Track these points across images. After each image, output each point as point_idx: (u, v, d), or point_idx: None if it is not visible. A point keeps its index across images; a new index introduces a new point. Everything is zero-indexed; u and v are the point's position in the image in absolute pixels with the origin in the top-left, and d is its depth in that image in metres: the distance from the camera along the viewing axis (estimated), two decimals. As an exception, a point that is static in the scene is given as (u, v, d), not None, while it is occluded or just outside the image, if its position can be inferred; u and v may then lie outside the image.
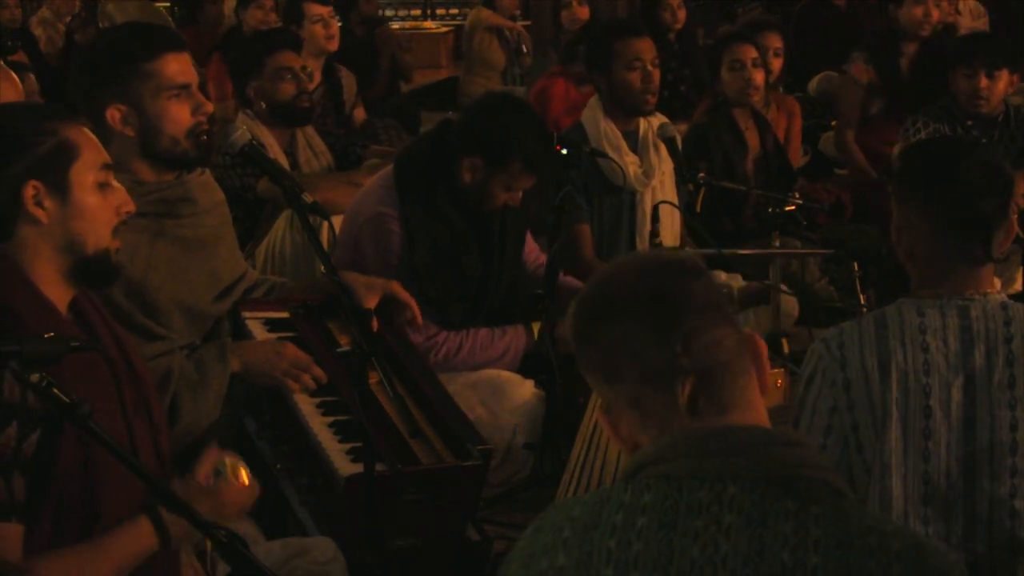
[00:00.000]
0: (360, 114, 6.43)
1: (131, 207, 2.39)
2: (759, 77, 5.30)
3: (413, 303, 3.39)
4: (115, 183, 2.37)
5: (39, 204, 2.25)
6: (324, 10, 5.97)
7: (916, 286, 2.49)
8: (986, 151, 2.55)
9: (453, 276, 3.75)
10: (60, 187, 2.26)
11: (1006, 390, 2.37)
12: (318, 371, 3.04)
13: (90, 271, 2.32)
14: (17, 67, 4.42)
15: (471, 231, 3.78)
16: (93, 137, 2.35)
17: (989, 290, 2.45)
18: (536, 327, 3.79)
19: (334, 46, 6.06)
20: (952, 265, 2.45)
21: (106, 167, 2.33)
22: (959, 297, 2.42)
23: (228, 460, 2.40)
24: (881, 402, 2.37)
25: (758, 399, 1.65)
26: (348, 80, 6.29)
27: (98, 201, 2.31)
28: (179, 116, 2.99)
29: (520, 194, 3.75)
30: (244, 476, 2.40)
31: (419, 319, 3.42)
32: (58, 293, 2.28)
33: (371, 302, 3.25)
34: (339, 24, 6.27)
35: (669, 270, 1.64)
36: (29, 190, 2.24)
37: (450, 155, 3.70)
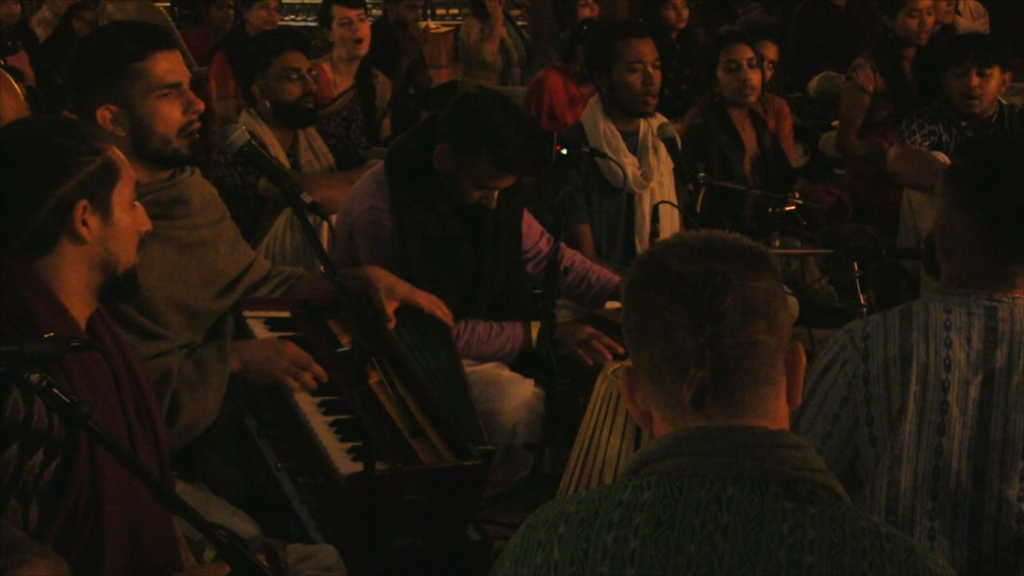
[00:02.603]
0: (387, 125, 6.34)
1: (149, 225, 2.42)
2: (755, 78, 5.30)
3: (439, 307, 3.39)
4: (137, 202, 2.40)
5: (85, 223, 2.26)
6: (352, 13, 5.85)
7: (946, 283, 2.48)
8: None
9: (445, 269, 3.76)
10: (104, 206, 2.29)
11: None
12: (318, 369, 3.04)
13: (117, 288, 2.35)
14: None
15: (462, 224, 3.78)
16: (123, 156, 2.38)
17: (1018, 294, 2.44)
18: (535, 327, 3.79)
19: (362, 50, 5.93)
20: (988, 271, 2.44)
21: (136, 187, 2.37)
22: (988, 298, 2.42)
23: None
24: (899, 395, 2.37)
25: (781, 410, 1.63)
26: (383, 87, 6.20)
27: (130, 220, 2.35)
28: (170, 115, 2.99)
29: (495, 195, 3.74)
30: None
31: (450, 321, 3.42)
32: (81, 309, 2.29)
33: (390, 307, 3.26)
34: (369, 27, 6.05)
35: (733, 259, 1.60)
36: (79, 209, 2.25)
37: (433, 145, 3.71)
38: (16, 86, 4.24)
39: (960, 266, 2.47)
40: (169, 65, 2.99)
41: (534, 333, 3.80)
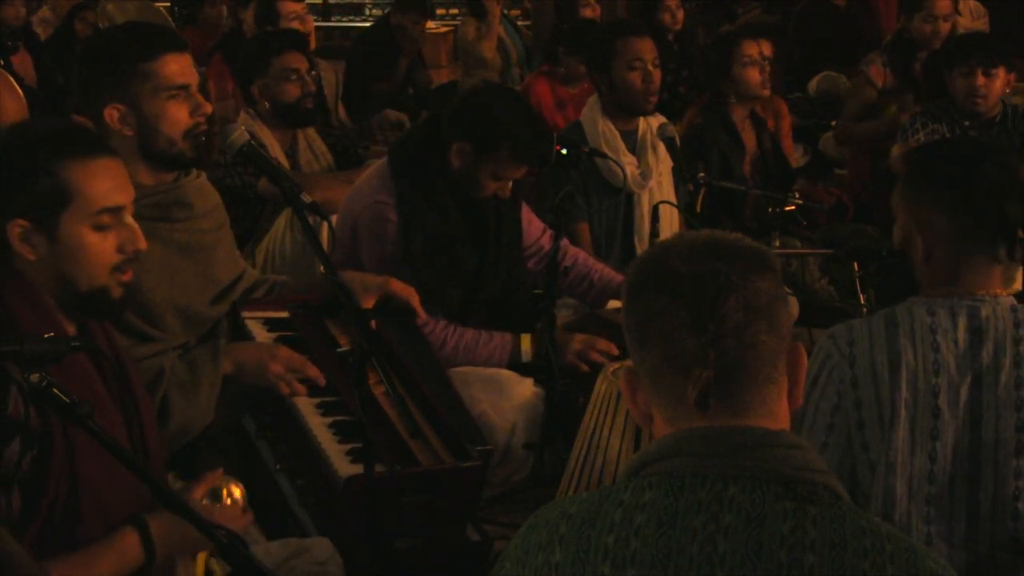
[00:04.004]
0: (342, 112, 6.38)
1: (139, 245, 2.33)
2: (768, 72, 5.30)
3: (414, 298, 3.39)
4: (127, 220, 2.32)
5: (27, 242, 2.23)
6: (299, 7, 5.93)
7: (927, 286, 2.48)
8: (1005, 153, 2.51)
9: (448, 265, 3.76)
10: (49, 229, 2.24)
11: (1012, 391, 2.36)
12: (313, 372, 3.03)
13: (85, 306, 2.31)
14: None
15: (465, 220, 3.78)
16: (103, 173, 2.29)
17: (999, 291, 2.44)
18: (525, 339, 3.78)
19: (311, 44, 6.01)
20: (970, 267, 2.43)
21: (107, 210, 2.27)
22: (970, 297, 2.41)
23: (225, 484, 2.39)
24: (889, 401, 2.36)
25: (782, 410, 1.63)
26: (328, 76, 6.22)
27: (95, 242, 2.27)
28: (177, 117, 2.99)
29: (510, 185, 3.76)
30: (236, 494, 2.39)
31: (421, 314, 3.42)
32: (64, 316, 2.28)
33: (368, 302, 3.25)
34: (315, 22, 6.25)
35: (735, 259, 1.60)
36: (14, 228, 2.22)
37: (442, 142, 3.71)
38: (17, 86, 4.24)
39: (940, 269, 2.45)
40: (178, 67, 3.00)
41: (524, 345, 3.78)
